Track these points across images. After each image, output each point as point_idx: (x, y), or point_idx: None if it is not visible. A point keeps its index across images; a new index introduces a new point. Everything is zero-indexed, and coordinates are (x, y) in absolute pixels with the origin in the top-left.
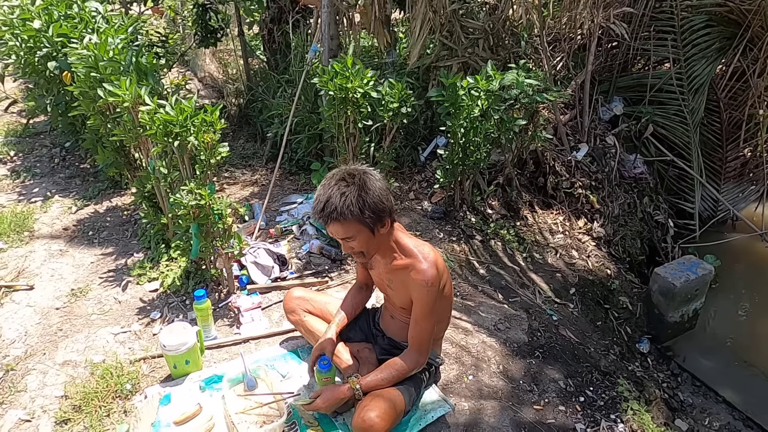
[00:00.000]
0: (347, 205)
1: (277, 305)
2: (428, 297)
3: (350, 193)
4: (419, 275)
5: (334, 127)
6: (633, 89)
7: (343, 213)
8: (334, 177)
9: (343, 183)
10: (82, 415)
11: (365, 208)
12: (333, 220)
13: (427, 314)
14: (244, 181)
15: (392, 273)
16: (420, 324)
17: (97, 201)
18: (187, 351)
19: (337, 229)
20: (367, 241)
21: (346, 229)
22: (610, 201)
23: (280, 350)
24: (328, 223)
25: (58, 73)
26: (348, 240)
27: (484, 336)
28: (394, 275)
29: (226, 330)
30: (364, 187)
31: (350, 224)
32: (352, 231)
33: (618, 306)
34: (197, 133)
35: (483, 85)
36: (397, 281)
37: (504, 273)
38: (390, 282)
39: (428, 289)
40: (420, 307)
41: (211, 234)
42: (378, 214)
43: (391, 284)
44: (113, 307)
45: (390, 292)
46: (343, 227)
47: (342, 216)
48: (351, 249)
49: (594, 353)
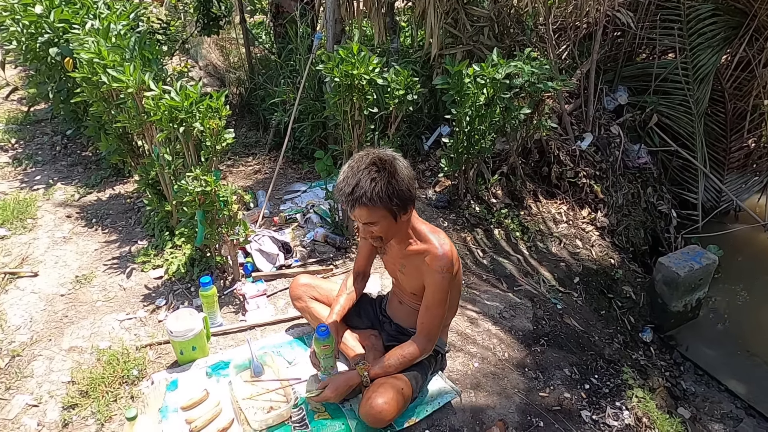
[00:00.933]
0: (377, 192)
1: (282, 293)
2: (442, 283)
3: (381, 179)
4: (435, 261)
5: (339, 114)
6: (638, 79)
7: (372, 199)
8: (363, 160)
9: (374, 168)
10: (89, 401)
11: (394, 195)
12: (361, 205)
13: (439, 301)
14: (246, 170)
15: (406, 258)
16: (432, 310)
17: (99, 189)
18: (193, 337)
19: (361, 213)
20: (389, 227)
21: (371, 214)
22: (614, 191)
23: (286, 337)
24: (354, 207)
25: (59, 59)
26: (370, 225)
27: (489, 324)
28: (407, 260)
29: (231, 317)
30: (395, 174)
31: (377, 210)
32: (377, 217)
33: (621, 295)
34: (203, 119)
35: (489, 73)
36: (410, 266)
37: (508, 262)
38: (402, 267)
39: (443, 276)
40: (433, 294)
41: (216, 221)
42: (404, 201)
43: (403, 269)
44: (118, 294)
45: (401, 278)
46: (368, 212)
47: (371, 202)
48: (371, 233)
49: (598, 341)
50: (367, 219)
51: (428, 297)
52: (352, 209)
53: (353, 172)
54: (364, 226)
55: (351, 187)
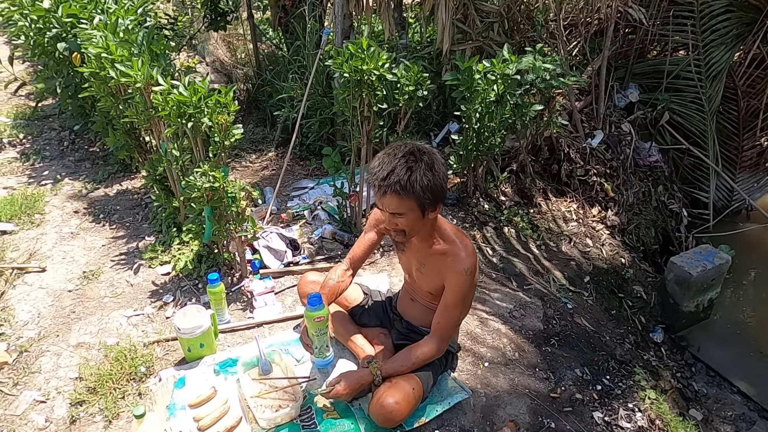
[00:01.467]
0: (412, 181)
1: (290, 290)
2: (464, 285)
3: (417, 169)
4: (458, 263)
5: (348, 110)
6: (649, 76)
7: (406, 188)
8: (401, 149)
9: (412, 157)
10: (96, 397)
11: (427, 189)
12: (393, 192)
13: (458, 302)
14: (253, 166)
15: (427, 257)
16: (449, 311)
17: (107, 184)
18: (201, 334)
19: (391, 201)
20: (415, 221)
21: (401, 204)
22: (624, 189)
23: (294, 335)
24: (385, 193)
25: (67, 54)
26: (397, 216)
27: (499, 324)
28: (428, 260)
29: (239, 314)
30: (431, 167)
31: (407, 201)
32: (406, 208)
33: (632, 295)
34: (211, 114)
35: (499, 69)
36: (430, 266)
37: (518, 260)
38: (421, 266)
39: (465, 278)
40: (453, 295)
41: (224, 217)
42: (436, 197)
43: (422, 268)
44: (125, 290)
45: (419, 276)
46: (399, 202)
47: (404, 190)
48: (395, 226)
49: (609, 342)
50: (395, 209)
51: (448, 298)
52: (383, 195)
53: (390, 158)
54: (390, 216)
55: (386, 172)
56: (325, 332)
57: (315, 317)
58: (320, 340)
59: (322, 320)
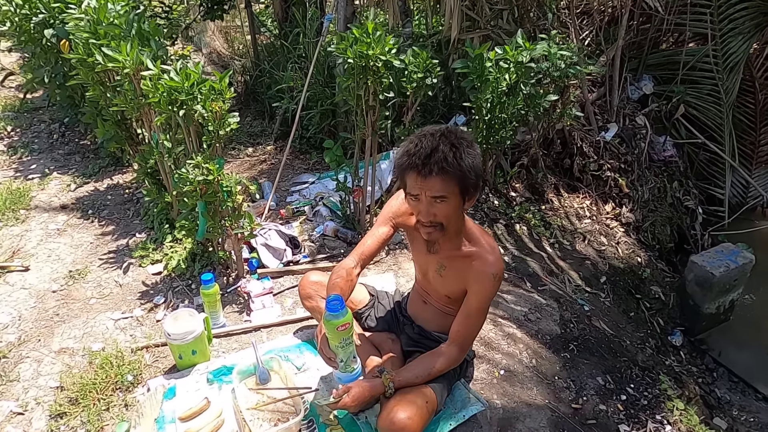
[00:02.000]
0: (457, 158)
1: (290, 291)
2: (491, 291)
3: (461, 147)
4: (487, 267)
5: (351, 99)
6: (663, 67)
7: (452, 165)
8: (435, 132)
9: (452, 136)
10: (78, 409)
11: (472, 168)
12: (439, 171)
13: (483, 309)
14: (251, 160)
15: (449, 259)
16: (472, 318)
17: (97, 178)
18: (193, 340)
19: (435, 184)
20: (455, 210)
21: (445, 185)
22: (639, 185)
23: (294, 340)
24: (430, 173)
25: (55, 41)
26: (439, 201)
27: (514, 328)
28: (450, 261)
29: (235, 317)
30: (472, 145)
31: (451, 182)
32: (449, 191)
33: (650, 296)
34: (204, 101)
35: (512, 57)
36: (452, 268)
37: (531, 260)
38: (441, 268)
39: (493, 284)
40: (477, 301)
41: (219, 213)
42: (477, 180)
43: (441, 270)
44: (113, 291)
45: (436, 279)
46: (443, 183)
47: (450, 167)
48: (433, 217)
49: (630, 347)
50: (439, 191)
51: (471, 304)
52: (426, 177)
53: (428, 138)
54: (429, 204)
55: (428, 150)
56: (351, 341)
57: (338, 325)
58: (346, 352)
59: (347, 328)
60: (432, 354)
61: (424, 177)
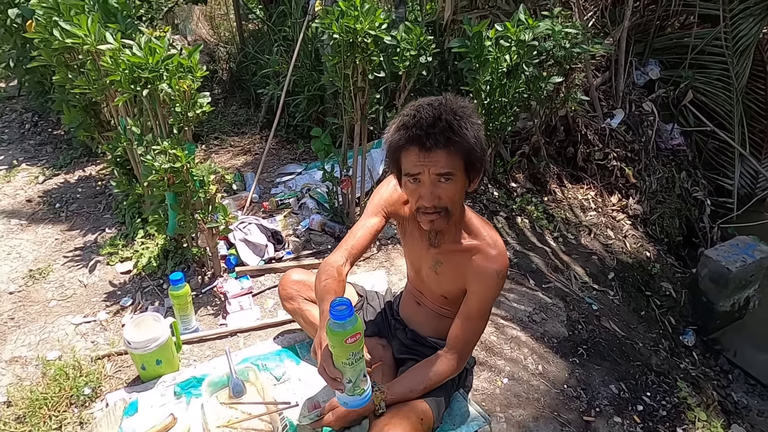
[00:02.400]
0: (463, 127)
1: (271, 291)
2: (494, 291)
3: (464, 116)
4: (489, 263)
5: (339, 80)
6: (671, 51)
7: (459, 134)
8: (433, 101)
9: (454, 104)
10: (26, 427)
11: (478, 142)
12: (446, 142)
13: (484, 311)
14: (235, 150)
15: (445, 254)
16: (473, 322)
17: (68, 170)
18: (158, 348)
19: (440, 158)
20: (461, 190)
21: (451, 160)
22: (646, 175)
23: (274, 346)
24: (435, 145)
25: (20, 22)
26: (446, 179)
27: (517, 330)
28: (447, 257)
29: (209, 320)
30: (474, 116)
31: (457, 156)
32: (455, 166)
33: (660, 293)
34: (171, 79)
35: (514, 34)
36: (449, 264)
37: (534, 255)
38: (436, 264)
39: (496, 282)
40: (479, 302)
41: (191, 205)
42: (482, 155)
43: (437, 267)
44: (77, 292)
45: (430, 276)
46: (449, 157)
47: (457, 137)
48: (438, 199)
49: (643, 349)
50: (444, 167)
51: (471, 305)
52: (430, 150)
53: (427, 108)
54: (433, 184)
55: (431, 118)
56: (362, 356)
57: (347, 337)
58: (355, 370)
59: (357, 339)
60: (427, 363)
61: (428, 150)
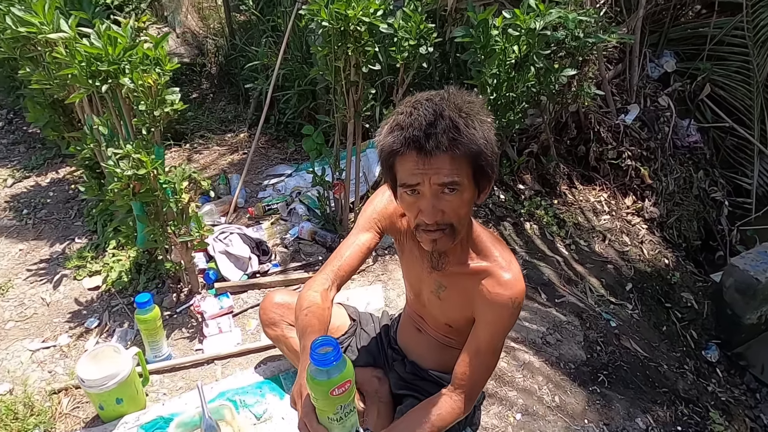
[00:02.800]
0: (470, 126)
1: (254, 310)
2: (508, 322)
3: (471, 113)
4: (502, 289)
5: (329, 73)
6: (687, 41)
7: (466, 134)
8: (434, 95)
9: (459, 99)
10: None
11: (489, 142)
12: (450, 144)
13: (496, 346)
14: (222, 149)
15: (450, 277)
16: (482, 358)
17: (40, 171)
18: (117, 386)
19: (443, 164)
20: (468, 204)
21: (456, 166)
22: (663, 175)
23: (255, 377)
24: (437, 148)
25: None
26: (450, 189)
27: (530, 354)
28: (452, 280)
29: (184, 345)
30: (484, 112)
31: (463, 161)
32: (461, 173)
33: (680, 304)
34: (133, 72)
35: (524, 22)
36: (455, 289)
37: (544, 265)
38: (439, 288)
39: (511, 312)
40: (490, 335)
41: (162, 216)
42: (493, 160)
43: (440, 291)
44: (38, 311)
45: (432, 301)
46: (453, 163)
47: (464, 139)
48: (441, 215)
49: (669, 372)
50: (449, 175)
51: (481, 338)
52: (430, 155)
53: (426, 104)
54: (436, 196)
55: (431, 116)
56: (353, 409)
57: (334, 387)
58: (344, 427)
59: (347, 390)
60: (429, 405)
61: (428, 155)
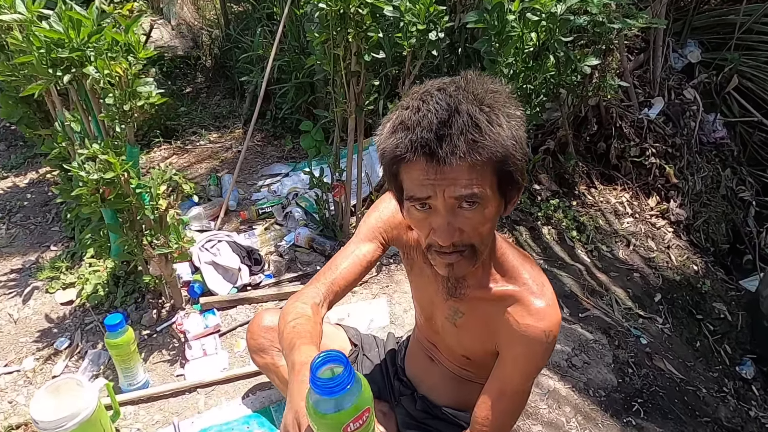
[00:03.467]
0: (494, 123)
1: (243, 329)
2: (540, 359)
3: (495, 106)
4: (534, 320)
5: (327, 63)
6: (713, 30)
7: (490, 134)
8: (447, 85)
9: (479, 89)
10: None
11: (518, 142)
12: (469, 147)
13: (526, 387)
14: (215, 147)
15: (469, 301)
16: (508, 400)
17: (19, 172)
18: (78, 427)
19: (460, 173)
20: (492, 219)
21: (477, 175)
22: (689, 173)
23: (243, 409)
24: (451, 155)
25: None
26: (470, 203)
27: (555, 380)
28: (471, 304)
29: (164, 370)
30: (511, 104)
31: (486, 168)
32: (483, 184)
33: (712, 315)
34: (97, 59)
35: (544, 6)
36: (474, 316)
37: (565, 274)
38: (456, 315)
39: (545, 347)
40: (518, 374)
41: (137, 224)
42: (524, 165)
43: (457, 318)
44: (4, 330)
45: (447, 330)
46: (473, 171)
47: (487, 140)
48: (459, 234)
49: (708, 398)
50: (467, 186)
51: (507, 377)
52: (443, 162)
53: (438, 96)
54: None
55: (445, 112)
56: None
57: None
58: None
59: (365, 424)
60: None
61: (440, 163)
